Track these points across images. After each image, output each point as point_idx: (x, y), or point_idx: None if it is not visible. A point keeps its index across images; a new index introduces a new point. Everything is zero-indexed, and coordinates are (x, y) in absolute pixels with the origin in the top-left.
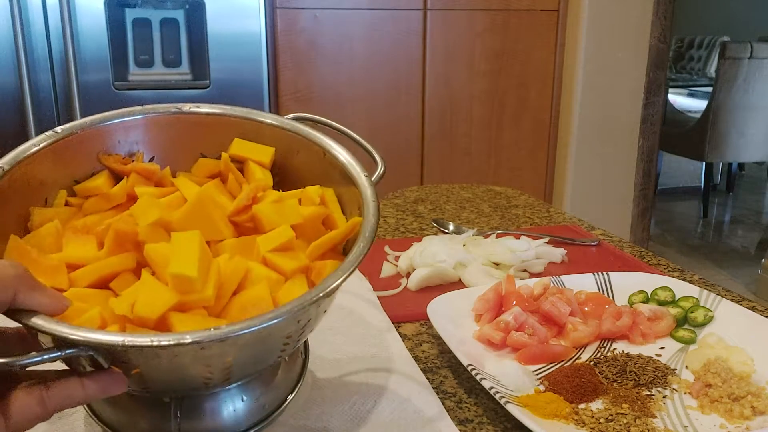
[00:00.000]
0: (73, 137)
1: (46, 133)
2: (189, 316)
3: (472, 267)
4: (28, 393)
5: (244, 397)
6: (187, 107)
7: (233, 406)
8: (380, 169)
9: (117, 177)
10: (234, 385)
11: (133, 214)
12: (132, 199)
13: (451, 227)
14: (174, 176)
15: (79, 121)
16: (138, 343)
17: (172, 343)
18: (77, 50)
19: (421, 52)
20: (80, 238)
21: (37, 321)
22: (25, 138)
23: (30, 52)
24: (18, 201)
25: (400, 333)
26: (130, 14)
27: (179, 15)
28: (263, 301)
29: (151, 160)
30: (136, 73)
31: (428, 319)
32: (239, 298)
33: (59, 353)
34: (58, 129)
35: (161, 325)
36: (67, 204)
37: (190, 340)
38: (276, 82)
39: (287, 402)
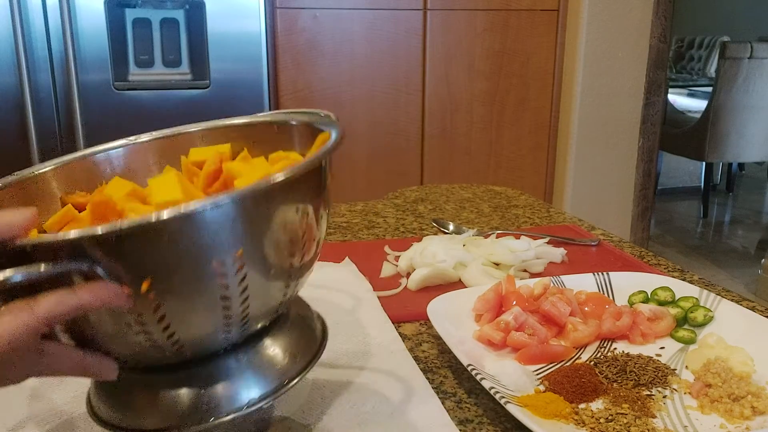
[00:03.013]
0: (33, 179)
1: (7, 177)
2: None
3: (472, 267)
4: (14, 304)
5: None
6: (132, 138)
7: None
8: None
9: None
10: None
11: (106, 191)
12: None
13: (451, 227)
14: None
15: (40, 165)
16: (142, 221)
17: (181, 212)
18: (77, 50)
19: (421, 52)
20: None
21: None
22: (26, 138)
23: (30, 52)
24: None
25: (400, 333)
26: (130, 14)
27: (179, 15)
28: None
29: None
30: (136, 73)
31: (428, 319)
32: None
33: (54, 265)
34: (15, 173)
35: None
36: None
37: (195, 208)
38: (276, 82)
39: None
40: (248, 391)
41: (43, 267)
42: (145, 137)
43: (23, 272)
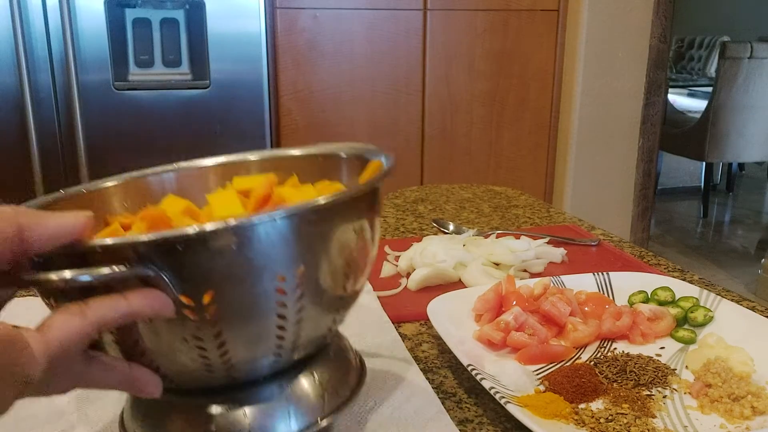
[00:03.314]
0: (78, 198)
1: (57, 193)
2: None
3: (472, 267)
4: (66, 307)
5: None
6: (182, 164)
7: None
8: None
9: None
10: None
11: (161, 208)
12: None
13: (451, 227)
14: None
15: (82, 185)
16: (215, 227)
17: (252, 221)
18: (77, 50)
19: (421, 52)
20: None
21: (97, 240)
22: (26, 138)
23: (30, 52)
24: None
25: (400, 333)
26: (130, 14)
27: (179, 15)
28: None
29: None
30: (136, 73)
31: (428, 319)
32: None
33: (127, 269)
34: (62, 191)
35: None
36: None
37: (284, 214)
38: (276, 82)
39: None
40: (286, 423)
41: (112, 269)
42: (189, 164)
43: (93, 274)
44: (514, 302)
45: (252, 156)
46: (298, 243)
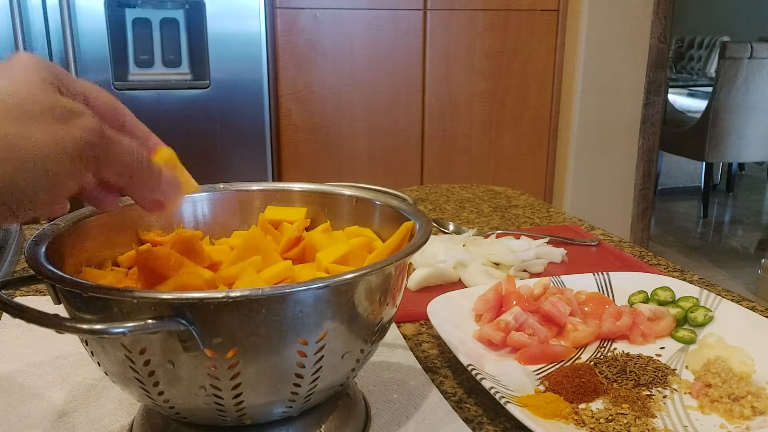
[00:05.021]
0: (114, 212)
1: (85, 209)
2: None
3: (472, 267)
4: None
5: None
6: (220, 186)
7: None
8: (410, 200)
9: None
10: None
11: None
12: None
13: (451, 227)
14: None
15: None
16: (248, 294)
17: (299, 289)
18: (77, 50)
19: (421, 52)
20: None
21: (129, 291)
22: None
23: (30, 52)
24: (70, 260)
25: (400, 333)
26: (130, 14)
27: (179, 15)
28: None
29: None
30: (136, 73)
31: (428, 319)
32: None
33: (157, 321)
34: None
35: None
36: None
37: (317, 285)
38: (276, 82)
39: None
40: None
41: (145, 323)
42: (228, 186)
43: (126, 327)
44: (514, 302)
45: (294, 186)
46: (324, 311)
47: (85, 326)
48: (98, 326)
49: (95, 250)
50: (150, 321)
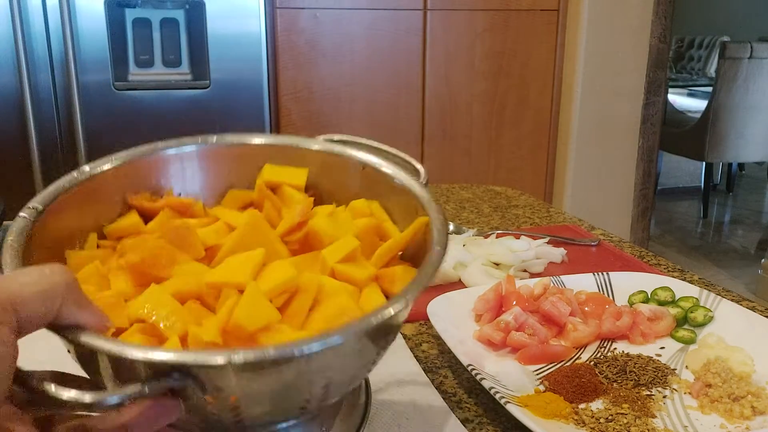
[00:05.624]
0: (96, 178)
1: (74, 173)
2: (275, 333)
3: (472, 267)
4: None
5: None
6: (212, 139)
7: None
8: (423, 175)
9: (146, 216)
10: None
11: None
12: None
13: (451, 227)
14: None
15: (102, 160)
16: (268, 356)
17: (315, 349)
18: (77, 50)
19: (421, 52)
20: (127, 274)
21: (123, 347)
22: (26, 138)
23: (30, 52)
24: (52, 245)
25: (400, 333)
26: (130, 14)
27: (179, 15)
28: (350, 310)
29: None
30: (136, 73)
31: (428, 319)
32: (321, 311)
33: (158, 381)
34: (86, 168)
35: (251, 342)
36: (99, 247)
37: (340, 340)
38: (276, 82)
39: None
40: None
41: (142, 388)
42: (217, 140)
43: (125, 393)
44: (514, 302)
45: (297, 142)
46: (333, 361)
47: (73, 398)
48: (88, 399)
49: (79, 222)
50: (147, 386)
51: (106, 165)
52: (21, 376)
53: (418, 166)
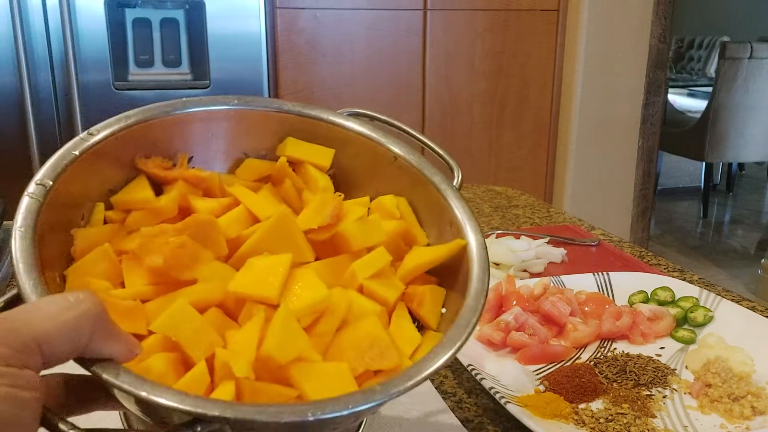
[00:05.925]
0: (105, 141)
1: (81, 136)
2: (306, 366)
3: None
4: None
5: None
6: (234, 101)
7: None
8: (458, 177)
9: (156, 184)
10: None
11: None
12: (184, 211)
13: None
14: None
15: (110, 120)
16: (298, 419)
17: (346, 413)
18: (77, 50)
19: (421, 52)
20: (143, 269)
21: (155, 396)
22: (26, 138)
23: (30, 52)
24: (58, 223)
25: None
26: (130, 14)
27: (179, 15)
28: (380, 341)
29: (189, 161)
30: (136, 73)
31: None
32: (349, 336)
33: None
34: (93, 130)
35: (281, 376)
36: (105, 221)
37: (366, 405)
38: (276, 82)
39: None
40: None
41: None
42: (238, 101)
43: None
44: (514, 302)
45: (326, 116)
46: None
47: None
48: None
49: (84, 189)
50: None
51: (115, 126)
52: (47, 417)
53: (454, 164)
